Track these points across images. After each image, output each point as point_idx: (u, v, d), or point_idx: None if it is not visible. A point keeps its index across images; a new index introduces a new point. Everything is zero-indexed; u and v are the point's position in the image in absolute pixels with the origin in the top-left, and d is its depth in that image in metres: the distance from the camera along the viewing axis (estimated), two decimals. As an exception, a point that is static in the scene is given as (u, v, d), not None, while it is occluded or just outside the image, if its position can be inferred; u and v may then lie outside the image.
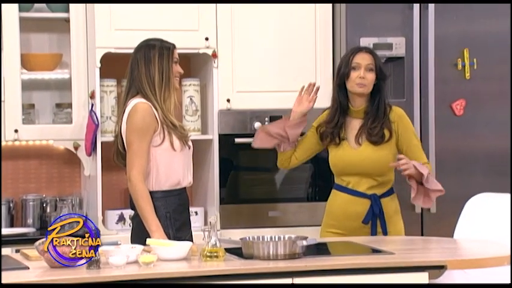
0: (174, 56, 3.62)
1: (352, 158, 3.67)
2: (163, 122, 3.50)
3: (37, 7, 4.44)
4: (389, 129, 3.67)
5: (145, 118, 3.48)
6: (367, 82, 3.67)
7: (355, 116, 3.71)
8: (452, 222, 3.72)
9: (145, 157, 3.46)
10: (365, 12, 4.47)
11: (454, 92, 4.54)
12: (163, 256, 3.02)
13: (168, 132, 3.51)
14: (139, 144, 3.47)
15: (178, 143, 3.53)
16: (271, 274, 2.91)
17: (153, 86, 3.55)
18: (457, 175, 4.54)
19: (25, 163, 4.58)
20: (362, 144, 3.67)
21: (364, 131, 3.67)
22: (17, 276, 2.78)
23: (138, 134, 3.47)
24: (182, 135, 3.54)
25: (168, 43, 3.65)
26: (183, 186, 3.57)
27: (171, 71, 3.58)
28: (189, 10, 4.39)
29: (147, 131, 3.48)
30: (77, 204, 4.48)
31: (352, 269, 2.97)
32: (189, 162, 3.62)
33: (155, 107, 3.52)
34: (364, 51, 3.73)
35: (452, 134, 4.54)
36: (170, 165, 3.52)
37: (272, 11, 4.49)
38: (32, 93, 4.54)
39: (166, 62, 3.58)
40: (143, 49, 3.61)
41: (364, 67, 3.67)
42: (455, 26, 4.53)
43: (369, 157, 3.65)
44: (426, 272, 3.01)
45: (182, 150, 3.54)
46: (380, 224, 3.66)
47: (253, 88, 4.47)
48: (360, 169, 3.67)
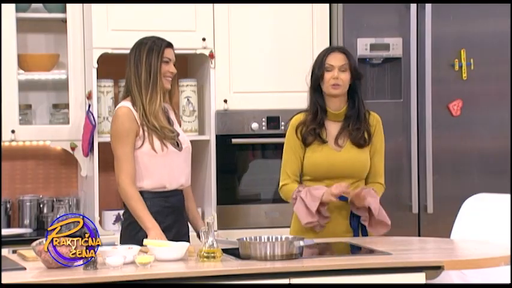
0: (164, 55, 3.53)
1: (335, 160, 3.58)
2: (142, 124, 3.45)
3: (34, 7, 4.43)
4: (368, 132, 3.60)
5: (125, 123, 3.45)
6: (341, 83, 3.57)
7: (333, 119, 3.62)
8: (449, 223, 3.72)
9: (130, 161, 3.43)
10: (362, 13, 4.48)
11: (451, 92, 4.55)
12: (160, 257, 3.02)
13: (149, 134, 3.45)
14: (123, 149, 3.44)
15: (159, 144, 3.46)
16: (269, 274, 2.91)
17: (139, 85, 3.49)
18: (453, 175, 4.54)
19: (22, 163, 4.57)
20: (344, 146, 3.58)
21: (345, 133, 3.59)
22: (14, 276, 2.78)
23: (119, 139, 3.45)
24: (166, 137, 3.47)
25: (161, 40, 3.57)
26: (171, 189, 3.50)
27: (159, 70, 3.50)
28: (186, 10, 4.39)
29: (127, 135, 3.44)
30: (73, 204, 4.47)
31: (349, 269, 2.97)
32: (179, 165, 3.53)
33: (137, 109, 3.46)
34: (337, 51, 3.63)
35: (449, 135, 4.55)
36: (152, 168, 3.46)
37: (269, 11, 4.49)
38: (28, 93, 4.54)
39: (155, 60, 3.50)
40: (136, 47, 3.57)
41: (337, 68, 3.57)
42: (452, 27, 4.53)
43: (351, 159, 3.57)
44: (423, 272, 3.01)
45: (165, 152, 3.48)
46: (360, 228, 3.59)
47: (250, 89, 4.48)
48: (342, 171, 3.57)
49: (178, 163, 3.53)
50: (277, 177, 4.53)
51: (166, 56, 3.54)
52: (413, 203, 4.50)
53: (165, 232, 3.41)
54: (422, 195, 4.51)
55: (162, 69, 3.52)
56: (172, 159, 3.50)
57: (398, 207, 4.30)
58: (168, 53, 3.56)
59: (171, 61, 3.56)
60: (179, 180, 3.54)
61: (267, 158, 4.57)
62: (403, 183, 4.50)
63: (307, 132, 3.60)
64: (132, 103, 3.50)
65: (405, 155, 4.51)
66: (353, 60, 3.63)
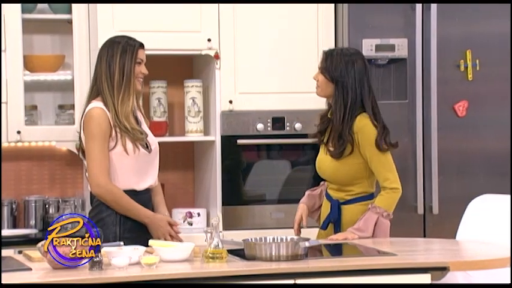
0: (138, 56, 3.51)
1: (321, 164, 3.63)
2: (115, 125, 3.44)
3: (40, 8, 4.44)
4: (351, 143, 3.51)
5: (101, 124, 3.44)
6: (319, 84, 3.59)
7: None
8: (454, 224, 3.72)
9: (107, 161, 3.43)
10: (367, 13, 4.47)
11: (457, 93, 4.54)
12: (166, 257, 3.02)
13: (121, 135, 3.45)
14: (100, 150, 3.43)
15: (132, 146, 3.45)
16: (274, 275, 2.91)
17: (112, 85, 3.47)
18: (459, 176, 4.54)
19: (27, 164, 4.58)
20: (327, 153, 3.60)
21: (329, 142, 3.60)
22: (20, 277, 2.78)
23: (97, 140, 3.43)
24: (137, 139, 3.46)
25: (134, 41, 3.55)
26: (138, 189, 3.50)
27: (132, 71, 3.48)
28: (192, 11, 4.39)
29: (104, 136, 3.44)
30: (79, 205, 4.48)
31: (355, 270, 2.97)
32: (148, 166, 3.53)
33: (109, 109, 3.45)
34: (324, 52, 3.64)
35: (454, 135, 4.54)
36: (122, 169, 3.46)
37: (274, 11, 4.49)
38: (34, 94, 4.55)
39: (128, 60, 3.49)
40: (107, 46, 3.54)
41: (319, 69, 3.61)
42: (457, 27, 4.52)
43: (330, 168, 3.58)
44: (428, 273, 3.01)
45: (136, 154, 3.47)
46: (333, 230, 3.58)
47: (255, 89, 4.48)
48: (327, 176, 3.63)
49: (147, 165, 3.54)
50: (282, 178, 4.55)
51: (140, 57, 3.53)
52: (418, 204, 4.49)
53: (133, 231, 3.45)
54: (428, 196, 4.51)
55: (135, 70, 3.50)
56: (143, 161, 3.51)
57: (403, 208, 4.28)
58: (141, 54, 3.54)
59: (143, 62, 3.55)
60: (148, 182, 3.55)
61: (272, 158, 4.57)
62: (409, 184, 4.49)
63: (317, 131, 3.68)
64: (103, 103, 3.48)
65: (411, 155, 4.51)
66: (332, 62, 3.54)
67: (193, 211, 4.52)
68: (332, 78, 3.55)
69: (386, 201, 3.54)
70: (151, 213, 3.50)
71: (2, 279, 2.74)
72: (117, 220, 3.46)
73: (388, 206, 3.54)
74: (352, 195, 3.59)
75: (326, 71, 3.56)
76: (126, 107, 3.46)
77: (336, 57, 3.57)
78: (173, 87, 4.62)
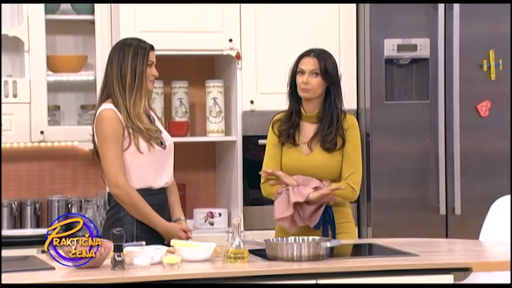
0: (149, 58, 3.52)
1: (304, 163, 3.55)
2: (127, 126, 3.45)
3: (63, 9, 4.47)
4: (342, 136, 3.54)
5: (113, 125, 3.45)
6: (311, 87, 3.54)
7: (308, 121, 3.60)
8: (477, 224, 3.70)
9: (123, 162, 3.45)
10: (389, 13, 4.46)
11: (479, 93, 4.51)
12: (188, 257, 3.03)
13: (134, 136, 3.45)
14: (115, 151, 3.44)
15: (146, 145, 3.46)
16: (295, 275, 2.91)
17: (123, 87, 3.48)
18: (482, 177, 4.51)
19: (50, 164, 4.61)
20: (314, 149, 3.55)
21: (318, 136, 3.55)
22: (43, 276, 2.80)
23: (111, 141, 3.45)
24: (150, 138, 3.46)
25: (145, 43, 3.56)
26: (156, 187, 3.51)
27: (144, 73, 3.49)
28: (213, 11, 4.40)
29: (117, 137, 3.45)
30: (101, 205, 4.50)
31: (377, 270, 2.96)
32: (164, 163, 3.53)
33: (121, 111, 3.46)
34: (311, 55, 3.58)
35: (477, 136, 4.52)
36: (138, 168, 3.47)
37: (296, 11, 4.49)
38: (57, 94, 4.58)
39: (140, 62, 3.49)
40: (118, 48, 3.54)
41: (308, 72, 3.55)
42: (480, 27, 4.50)
43: (321, 163, 3.53)
44: (451, 274, 2.99)
45: (151, 152, 3.47)
46: (330, 229, 3.52)
47: (276, 89, 4.46)
48: (310, 174, 3.54)
49: (163, 162, 3.54)
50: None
51: (151, 59, 3.54)
52: (440, 205, 4.47)
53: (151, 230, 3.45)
54: (450, 196, 4.49)
55: (146, 72, 3.51)
56: (158, 159, 3.51)
57: (425, 209, 4.28)
58: (152, 56, 3.55)
59: (153, 64, 3.55)
60: (164, 179, 3.54)
61: (294, 159, 4.56)
62: (431, 185, 4.47)
63: (282, 130, 3.61)
64: (114, 105, 3.48)
65: (433, 156, 4.49)
66: (328, 64, 3.55)
67: (215, 211, 4.53)
68: (331, 79, 3.55)
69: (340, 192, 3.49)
70: (165, 223, 3.48)
71: (28, 278, 2.76)
72: (133, 220, 3.48)
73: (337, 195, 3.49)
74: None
75: (325, 74, 3.54)
76: (138, 108, 3.48)
77: (328, 59, 3.58)
78: (195, 87, 4.63)
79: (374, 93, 4.47)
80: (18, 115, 4.30)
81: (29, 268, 2.91)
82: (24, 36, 4.31)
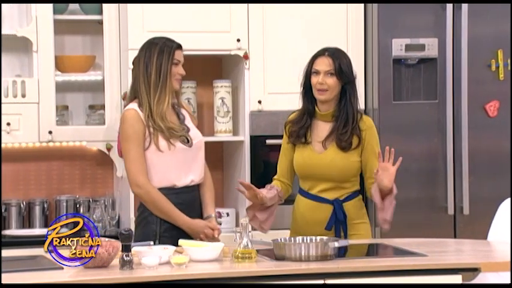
0: (175, 57, 3.55)
1: (317, 162, 3.54)
2: (148, 125, 3.48)
3: (71, 9, 4.48)
4: (358, 135, 3.52)
5: (134, 125, 3.49)
6: (327, 87, 3.52)
7: (323, 120, 3.59)
8: (485, 224, 3.69)
9: (144, 161, 3.48)
10: (397, 13, 4.45)
11: (488, 93, 4.50)
12: (195, 257, 3.03)
13: (154, 135, 3.48)
14: (136, 150, 3.48)
15: (165, 143, 3.48)
16: (303, 275, 2.91)
17: (148, 85, 3.51)
18: (490, 177, 4.50)
19: (59, 164, 4.62)
20: (328, 148, 3.54)
21: (333, 135, 3.54)
22: (52, 276, 2.81)
23: (132, 141, 3.48)
24: (172, 136, 3.48)
25: (171, 42, 3.59)
26: (180, 186, 3.52)
27: (169, 72, 3.52)
28: (221, 11, 4.40)
29: (138, 136, 3.48)
30: (109, 205, 4.51)
31: (385, 271, 2.96)
32: (189, 161, 3.53)
33: (144, 110, 3.49)
34: (325, 55, 3.56)
35: (485, 136, 4.50)
36: (160, 167, 3.49)
37: (304, 11, 4.48)
38: (65, 94, 4.59)
39: (165, 61, 3.52)
40: (145, 47, 3.58)
41: (323, 73, 3.53)
42: (489, 27, 4.48)
43: (334, 162, 3.52)
44: (459, 274, 2.98)
45: (172, 150, 3.48)
46: (342, 229, 3.53)
47: (284, 89, 4.47)
48: (323, 174, 3.54)
49: (186, 160, 3.54)
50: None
51: (177, 58, 3.56)
52: (449, 205, 4.46)
53: (175, 230, 3.46)
54: (458, 196, 4.48)
55: (172, 71, 3.54)
56: (180, 157, 3.52)
57: (433, 209, 4.27)
58: (178, 55, 3.57)
59: (180, 63, 3.58)
60: (188, 177, 3.55)
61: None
62: (439, 185, 4.47)
63: (292, 132, 3.61)
64: (138, 104, 3.52)
65: (441, 156, 4.48)
66: (343, 64, 3.53)
67: (222, 211, 4.53)
68: (347, 78, 3.54)
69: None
70: (188, 220, 3.50)
71: (36, 277, 2.77)
72: (157, 219, 3.51)
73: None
74: (347, 192, 3.56)
75: (340, 73, 3.52)
76: (162, 106, 3.50)
77: (343, 58, 3.57)
78: (202, 87, 4.64)
79: (382, 93, 4.46)
80: (27, 115, 4.31)
81: (37, 268, 2.92)
82: (32, 36, 4.32)
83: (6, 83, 4.30)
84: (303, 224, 3.60)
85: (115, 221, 4.45)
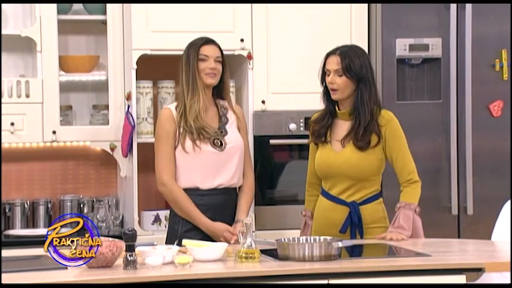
0: (200, 52, 3.58)
1: (333, 160, 3.53)
2: (179, 126, 3.53)
3: (75, 9, 4.49)
4: (377, 133, 3.49)
5: (165, 124, 3.55)
6: (337, 87, 3.50)
7: (342, 118, 3.57)
8: (489, 224, 3.69)
9: (173, 161, 3.53)
10: (401, 13, 4.45)
11: (492, 93, 4.50)
12: (199, 257, 3.04)
13: (182, 135, 3.52)
14: (164, 149, 3.53)
15: (191, 144, 3.51)
16: (307, 275, 2.91)
17: (182, 84, 3.58)
18: (494, 177, 4.49)
19: (63, 164, 4.63)
20: (346, 147, 3.52)
21: (351, 134, 3.52)
22: (55, 276, 2.81)
23: (161, 139, 3.55)
24: (201, 137, 3.50)
25: (200, 39, 3.64)
26: (203, 188, 3.53)
27: (195, 70, 3.56)
28: (225, 11, 4.40)
29: (168, 135, 3.53)
30: (113, 205, 4.51)
31: (388, 271, 2.95)
32: (218, 165, 3.55)
33: (179, 109, 3.54)
34: (335, 53, 3.54)
35: (489, 136, 4.50)
36: (185, 167, 3.53)
37: (307, 11, 4.48)
38: (69, 94, 4.59)
39: (192, 59, 3.57)
40: (184, 50, 3.65)
41: (333, 72, 3.52)
42: (493, 27, 4.48)
43: (350, 161, 3.50)
44: (463, 274, 2.98)
45: (197, 152, 3.51)
46: (358, 233, 3.52)
47: (288, 89, 4.47)
48: (340, 172, 3.52)
49: (216, 163, 3.55)
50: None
51: (203, 53, 3.59)
52: (452, 205, 4.46)
53: (194, 231, 3.49)
54: (462, 196, 4.47)
55: (199, 66, 3.56)
56: (209, 160, 3.54)
57: (437, 209, 4.27)
58: (205, 50, 3.60)
59: (209, 57, 3.59)
60: (217, 181, 3.56)
61: (305, 158, 4.53)
62: (443, 185, 4.46)
63: (314, 131, 3.62)
64: (176, 104, 3.60)
65: (445, 156, 4.48)
66: (355, 62, 3.49)
67: (226, 211, 4.53)
68: (357, 77, 3.51)
69: (415, 196, 3.53)
70: (208, 222, 3.51)
71: (40, 277, 2.77)
72: (180, 219, 3.55)
73: (416, 200, 3.53)
74: (366, 194, 3.54)
75: (349, 72, 3.50)
76: (198, 104, 3.52)
77: (354, 56, 3.53)
78: (206, 87, 4.63)
79: (386, 93, 4.46)
80: (31, 115, 4.31)
81: (41, 268, 2.92)
82: (36, 37, 4.33)
83: (10, 83, 4.31)
84: (322, 225, 3.60)
85: (119, 221, 4.46)
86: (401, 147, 3.54)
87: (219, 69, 3.60)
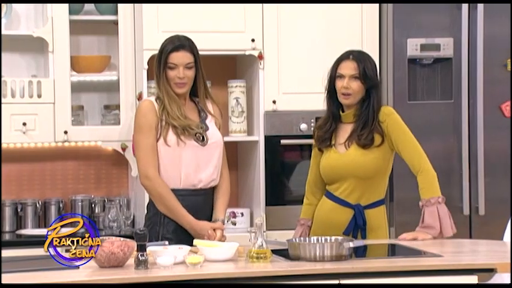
0: (169, 61, 3.46)
1: (338, 162, 3.53)
2: (161, 118, 3.42)
3: (86, 10, 4.50)
4: (380, 133, 3.49)
5: (147, 115, 3.43)
6: (351, 91, 3.49)
7: (346, 121, 3.57)
8: (501, 225, 3.67)
9: (156, 153, 3.41)
10: (412, 13, 4.44)
11: (503, 93, 4.48)
12: (210, 257, 3.04)
13: (165, 128, 3.42)
14: (146, 141, 3.41)
15: (175, 138, 3.41)
16: (318, 275, 2.91)
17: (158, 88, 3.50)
18: (506, 177, 4.48)
19: (74, 164, 4.64)
20: (350, 148, 3.52)
21: (354, 135, 3.52)
22: (67, 276, 2.82)
23: (142, 131, 3.43)
24: (184, 133, 3.42)
25: (169, 44, 3.49)
26: (185, 186, 3.45)
27: (165, 78, 3.45)
28: (236, 11, 4.40)
29: (150, 127, 3.42)
30: (124, 204, 4.52)
31: (400, 271, 2.95)
32: (199, 159, 3.46)
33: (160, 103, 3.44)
34: (350, 58, 3.52)
35: (501, 136, 4.48)
36: (165, 161, 3.43)
37: (318, 11, 4.48)
38: (81, 95, 4.61)
39: (162, 67, 3.47)
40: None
41: (348, 77, 3.50)
42: (504, 26, 4.46)
43: (355, 160, 3.49)
44: (475, 275, 2.97)
45: (182, 146, 3.42)
46: (361, 235, 3.51)
47: (299, 89, 4.47)
48: (345, 172, 3.51)
49: (196, 157, 3.47)
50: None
51: (171, 61, 3.46)
52: (464, 205, 4.45)
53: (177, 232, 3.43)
54: (474, 197, 4.46)
55: (168, 75, 3.46)
56: (189, 153, 3.46)
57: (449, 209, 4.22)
58: (174, 58, 3.47)
59: (178, 66, 3.46)
60: (197, 176, 3.48)
61: (316, 159, 4.56)
62: (454, 185, 4.45)
63: (319, 136, 3.61)
64: (156, 97, 3.49)
65: (456, 156, 4.46)
66: (368, 67, 3.49)
67: (237, 211, 4.54)
68: (372, 82, 3.51)
69: (433, 189, 3.49)
70: (192, 220, 3.45)
71: (52, 277, 2.78)
72: (161, 221, 3.48)
73: (436, 190, 3.49)
74: (370, 199, 3.53)
75: (364, 77, 3.49)
76: (175, 109, 3.45)
77: (367, 61, 3.53)
78: (217, 87, 4.64)
79: (397, 93, 4.45)
80: (43, 115, 4.33)
81: (53, 267, 2.93)
82: (48, 37, 4.34)
83: (22, 83, 4.33)
84: (324, 226, 3.58)
85: (130, 221, 4.47)
86: (406, 137, 3.51)
87: (189, 76, 3.47)
